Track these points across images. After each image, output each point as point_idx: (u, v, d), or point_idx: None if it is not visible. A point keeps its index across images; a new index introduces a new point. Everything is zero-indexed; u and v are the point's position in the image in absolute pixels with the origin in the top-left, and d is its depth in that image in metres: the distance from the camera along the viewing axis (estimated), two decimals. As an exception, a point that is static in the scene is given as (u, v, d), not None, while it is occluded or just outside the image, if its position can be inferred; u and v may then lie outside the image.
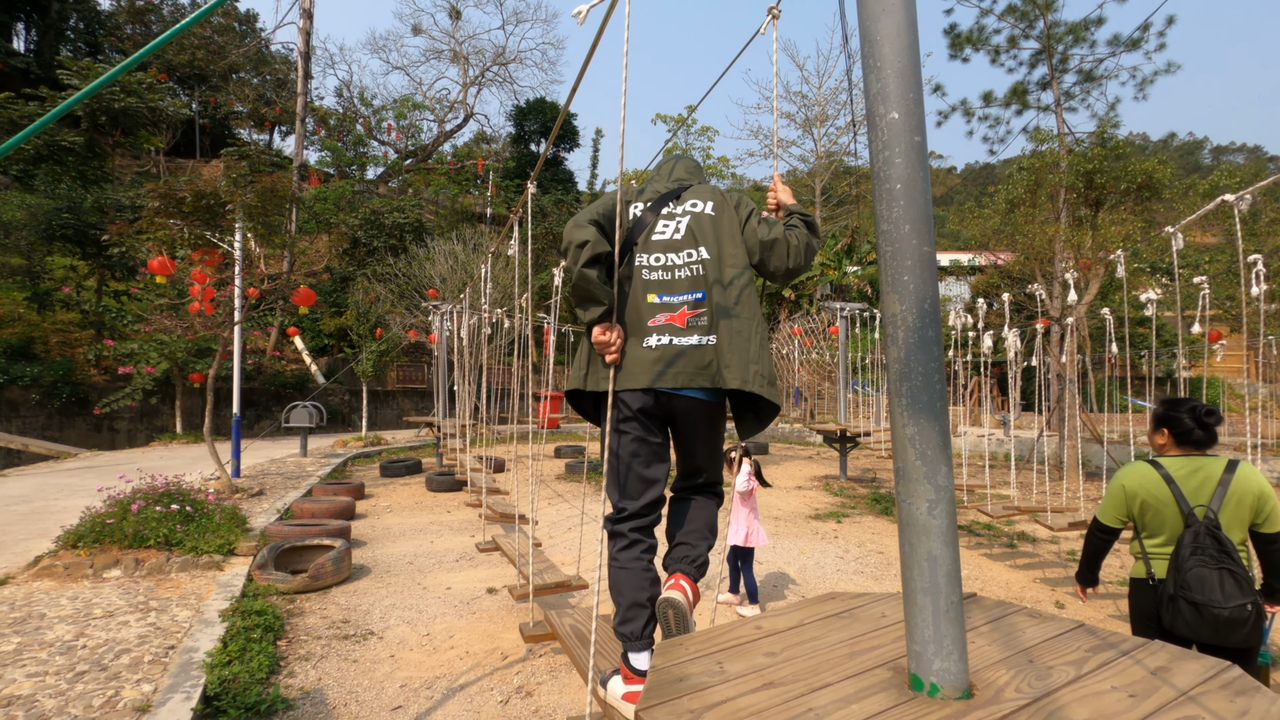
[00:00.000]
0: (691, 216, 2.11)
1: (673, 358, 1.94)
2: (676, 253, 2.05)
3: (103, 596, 3.88)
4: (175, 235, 7.36)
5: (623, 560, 2.01)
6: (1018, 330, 5.86)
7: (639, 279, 2.03)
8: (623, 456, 2.00)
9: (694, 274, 2.02)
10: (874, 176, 1.35)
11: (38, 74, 21.28)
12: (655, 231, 2.11)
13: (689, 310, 1.98)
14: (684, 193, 2.21)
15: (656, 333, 1.96)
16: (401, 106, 32.13)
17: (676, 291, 2.00)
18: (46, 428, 13.82)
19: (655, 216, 2.14)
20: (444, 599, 4.41)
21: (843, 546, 6.04)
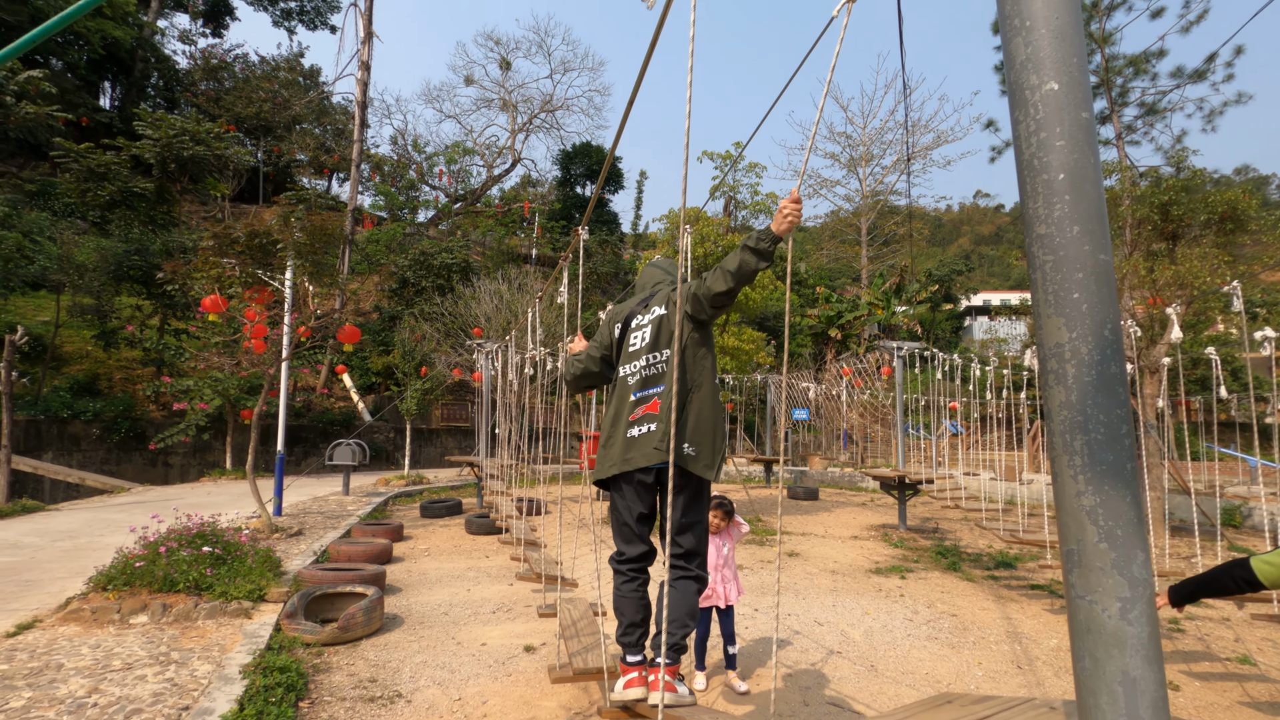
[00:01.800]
0: (652, 323, 2.67)
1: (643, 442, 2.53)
2: (644, 357, 2.64)
3: (125, 645, 3.70)
4: (228, 273, 7.47)
5: (625, 591, 2.71)
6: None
7: (623, 385, 2.67)
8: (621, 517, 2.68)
9: (659, 371, 2.60)
10: (1024, 167, 1.04)
11: (120, 128, 22.69)
12: (629, 344, 2.72)
13: (660, 399, 2.55)
14: (651, 300, 2.76)
15: (636, 424, 2.56)
16: (452, 152, 33.20)
17: (650, 386, 2.59)
18: (105, 462, 14.19)
19: (627, 331, 2.75)
20: (478, 657, 4.09)
21: (910, 607, 5.51)
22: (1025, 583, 6.60)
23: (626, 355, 2.71)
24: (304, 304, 8.27)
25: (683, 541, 2.66)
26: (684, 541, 2.67)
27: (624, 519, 2.68)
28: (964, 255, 62.35)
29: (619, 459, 2.58)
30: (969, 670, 4.13)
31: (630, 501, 2.63)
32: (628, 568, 2.72)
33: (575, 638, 3.22)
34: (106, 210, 17.52)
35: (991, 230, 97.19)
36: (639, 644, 2.70)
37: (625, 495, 2.64)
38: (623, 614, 2.70)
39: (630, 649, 2.69)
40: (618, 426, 2.63)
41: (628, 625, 2.69)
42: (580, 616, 3.72)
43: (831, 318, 27.31)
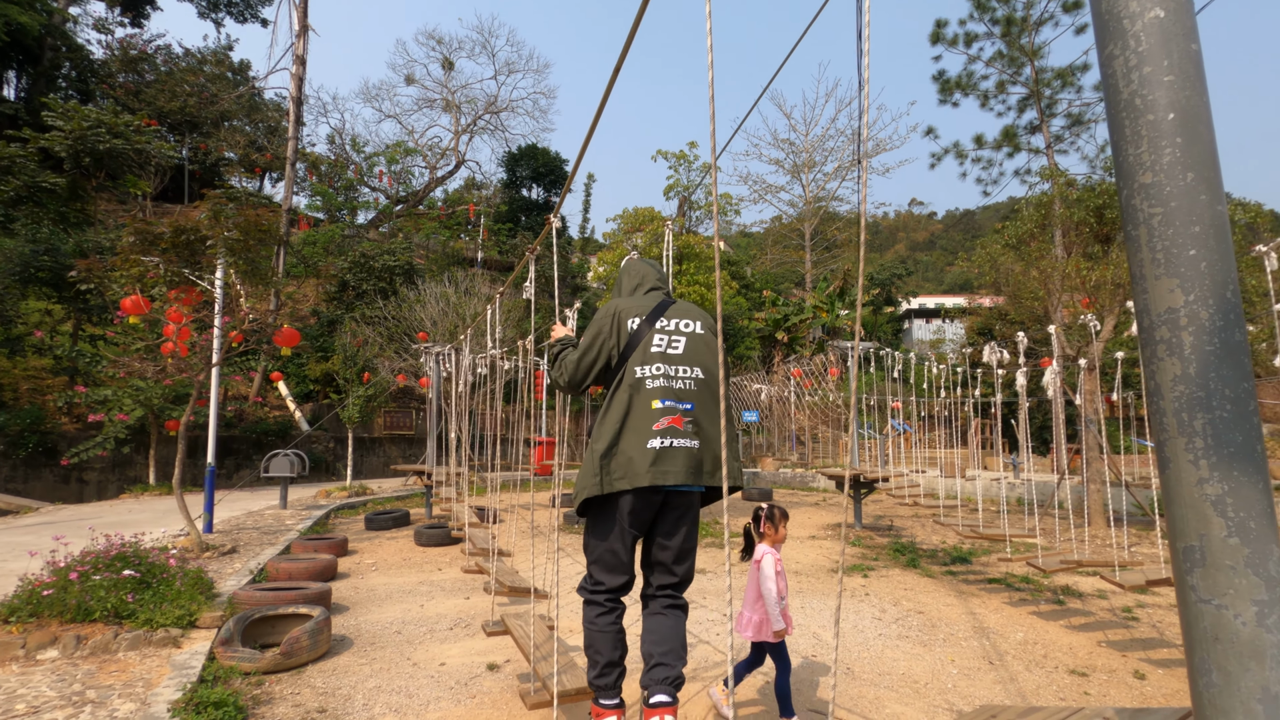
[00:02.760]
0: (688, 338, 2.48)
1: (673, 456, 2.29)
2: (673, 365, 2.41)
3: (30, 685, 3.27)
4: (151, 274, 6.90)
5: (601, 625, 2.44)
6: (1057, 370, 5.46)
7: (643, 388, 2.36)
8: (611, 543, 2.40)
9: (687, 387, 2.40)
10: (1121, 108, 0.90)
11: (25, 120, 21.05)
12: (653, 345, 2.44)
13: (684, 416, 2.34)
14: (670, 308, 2.56)
15: (660, 435, 2.30)
16: (394, 151, 32.24)
17: (679, 399, 2.36)
18: (10, 479, 13.03)
19: (650, 330, 2.47)
20: (438, 678, 3.81)
21: (877, 605, 5.48)
22: (982, 576, 6.69)
23: (648, 355, 2.40)
24: (236, 306, 7.74)
25: (679, 570, 2.53)
26: (680, 569, 2.53)
27: (613, 545, 2.39)
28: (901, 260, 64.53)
29: (644, 471, 2.24)
30: (943, 668, 4.10)
31: (626, 524, 2.37)
32: (605, 598, 2.46)
33: (546, 658, 3.00)
34: (10, 206, 16.17)
35: (925, 237, 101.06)
36: (616, 686, 2.45)
37: (623, 517, 2.35)
38: (598, 652, 2.43)
39: (606, 692, 2.43)
40: (634, 434, 2.29)
41: (605, 665, 2.42)
42: (538, 631, 3.50)
43: (778, 321, 27.72)
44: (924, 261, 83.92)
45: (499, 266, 29.31)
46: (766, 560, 3.21)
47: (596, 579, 2.46)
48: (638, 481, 2.25)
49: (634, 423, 2.31)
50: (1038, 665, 4.19)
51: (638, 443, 2.28)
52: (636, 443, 2.28)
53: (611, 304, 2.57)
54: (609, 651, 2.42)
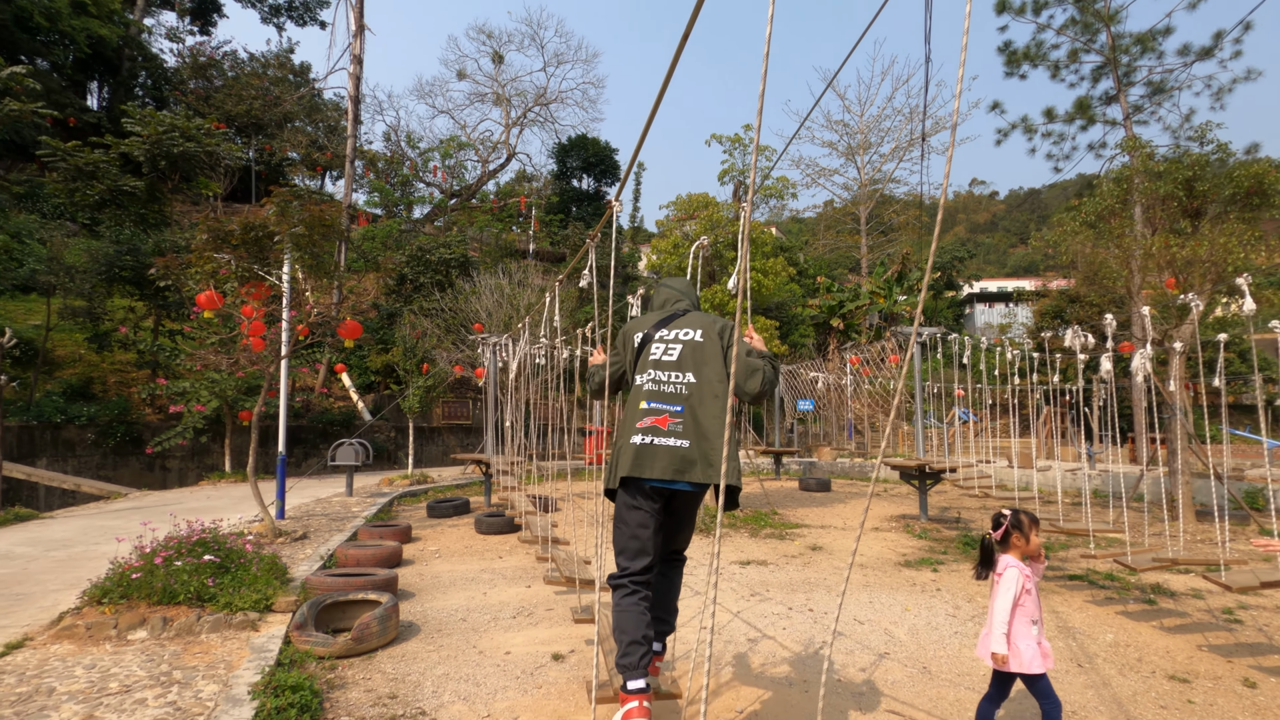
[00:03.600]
0: (685, 345, 2.66)
1: (653, 453, 2.50)
2: (665, 371, 2.63)
3: (123, 665, 3.42)
4: (224, 270, 7.15)
5: (625, 605, 2.55)
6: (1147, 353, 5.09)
7: (638, 392, 2.65)
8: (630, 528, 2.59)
9: (678, 391, 2.58)
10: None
11: (108, 128, 22.26)
12: (650, 354, 2.69)
13: (672, 417, 2.53)
14: (678, 319, 2.77)
15: (643, 433, 2.54)
16: (447, 146, 32.79)
17: (664, 401, 2.57)
18: (101, 467, 13.86)
19: (650, 341, 2.73)
20: (503, 667, 3.82)
21: (950, 602, 5.25)
22: (1061, 573, 6.35)
23: (645, 363, 2.69)
24: (302, 300, 7.96)
25: (680, 542, 2.94)
26: (681, 541, 2.94)
27: (634, 531, 2.60)
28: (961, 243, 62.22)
29: (628, 465, 2.53)
30: (1027, 670, 3.87)
31: (644, 511, 2.59)
32: (629, 579, 2.60)
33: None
34: (96, 210, 17.14)
35: (987, 218, 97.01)
36: (641, 665, 2.50)
37: (639, 504, 2.58)
38: (624, 631, 2.53)
39: (632, 673, 2.47)
40: (625, 434, 2.61)
41: (629, 644, 2.51)
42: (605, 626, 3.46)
43: (833, 307, 27.08)
44: (985, 244, 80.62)
45: (551, 257, 29.54)
46: (1009, 574, 2.70)
47: (620, 564, 2.63)
48: (622, 473, 2.53)
49: (627, 423, 2.62)
50: (1132, 669, 3.92)
51: (625, 440, 2.57)
52: (625, 441, 2.58)
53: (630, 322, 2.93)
54: (634, 630, 2.52)
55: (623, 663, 2.49)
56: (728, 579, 5.96)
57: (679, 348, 2.67)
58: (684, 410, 2.54)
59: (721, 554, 7.02)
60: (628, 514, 2.60)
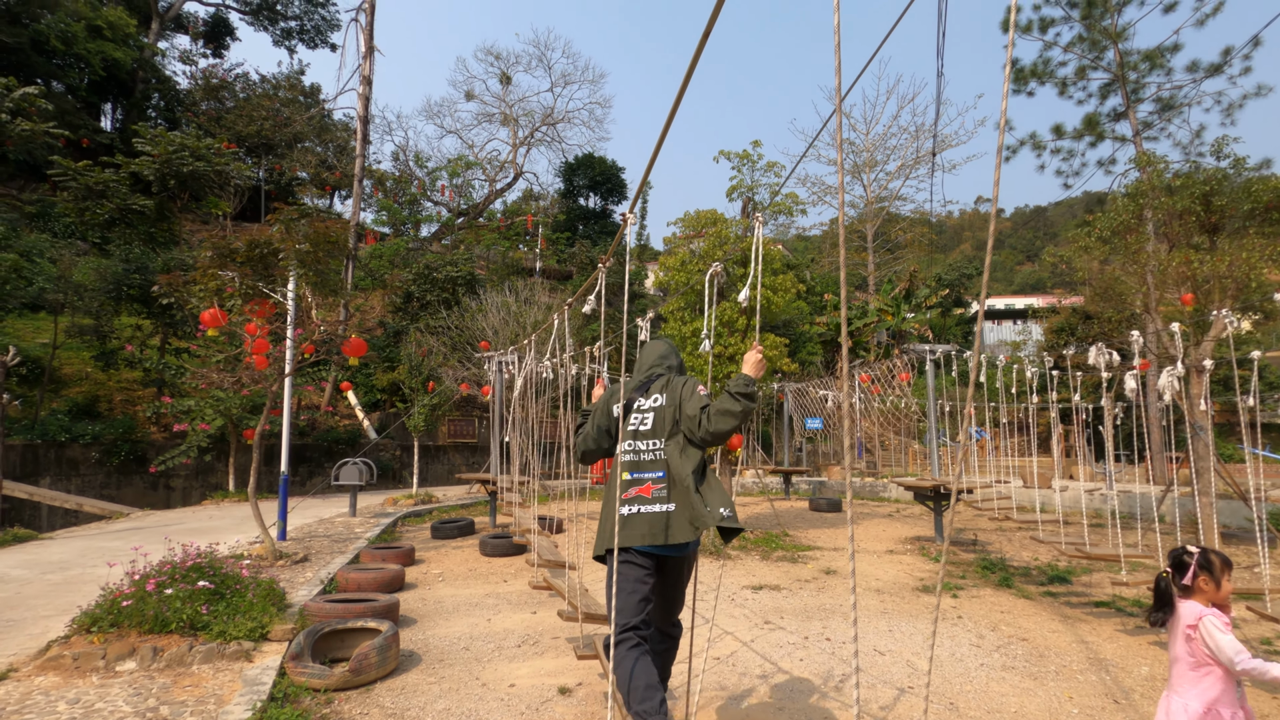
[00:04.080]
0: (654, 413, 2.78)
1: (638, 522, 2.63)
2: (644, 441, 2.76)
3: (108, 699, 3.26)
4: (229, 288, 7.08)
5: (631, 657, 2.53)
6: (1176, 370, 4.92)
7: (619, 462, 2.76)
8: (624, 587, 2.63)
9: (656, 458, 2.72)
10: None
11: (121, 149, 22.51)
12: (629, 424, 2.82)
13: (655, 484, 2.67)
14: (652, 385, 2.87)
15: (628, 504, 2.66)
16: (455, 166, 33.02)
17: (645, 470, 2.71)
18: (105, 486, 13.76)
19: (629, 413, 2.85)
20: (508, 702, 3.64)
21: (973, 631, 5.04)
22: (1086, 599, 6.12)
23: (625, 434, 2.81)
24: (308, 318, 7.88)
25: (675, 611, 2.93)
26: (675, 610, 2.93)
27: (632, 586, 2.64)
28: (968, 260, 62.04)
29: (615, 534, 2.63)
30: (1061, 707, 3.66)
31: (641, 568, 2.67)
32: (636, 634, 2.61)
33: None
34: (106, 229, 17.23)
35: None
36: (662, 712, 2.46)
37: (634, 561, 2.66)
38: (635, 677, 2.51)
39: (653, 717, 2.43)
40: (610, 504, 2.71)
41: (645, 688, 2.47)
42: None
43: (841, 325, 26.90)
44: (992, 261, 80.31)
45: (557, 275, 29.55)
46: (1208, 622, 2.23)
47: (619, 624, 2.61)
48: (609, 543, 2.64)
49: (610, 494, 2.73)
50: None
51: (611, 511, 2.68)
52: (610, 511, 2.69)
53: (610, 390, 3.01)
54: (647, 675, 2.50)
55: (642, 709, 2.41)
56: (739, 605, 5.75)
57: (651, 415, 2.80)
58: (664, 475, 2.68)
59: (732, 578, 6.82)
60: (625, 570, 2.65)
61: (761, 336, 9.22)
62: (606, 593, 2.75)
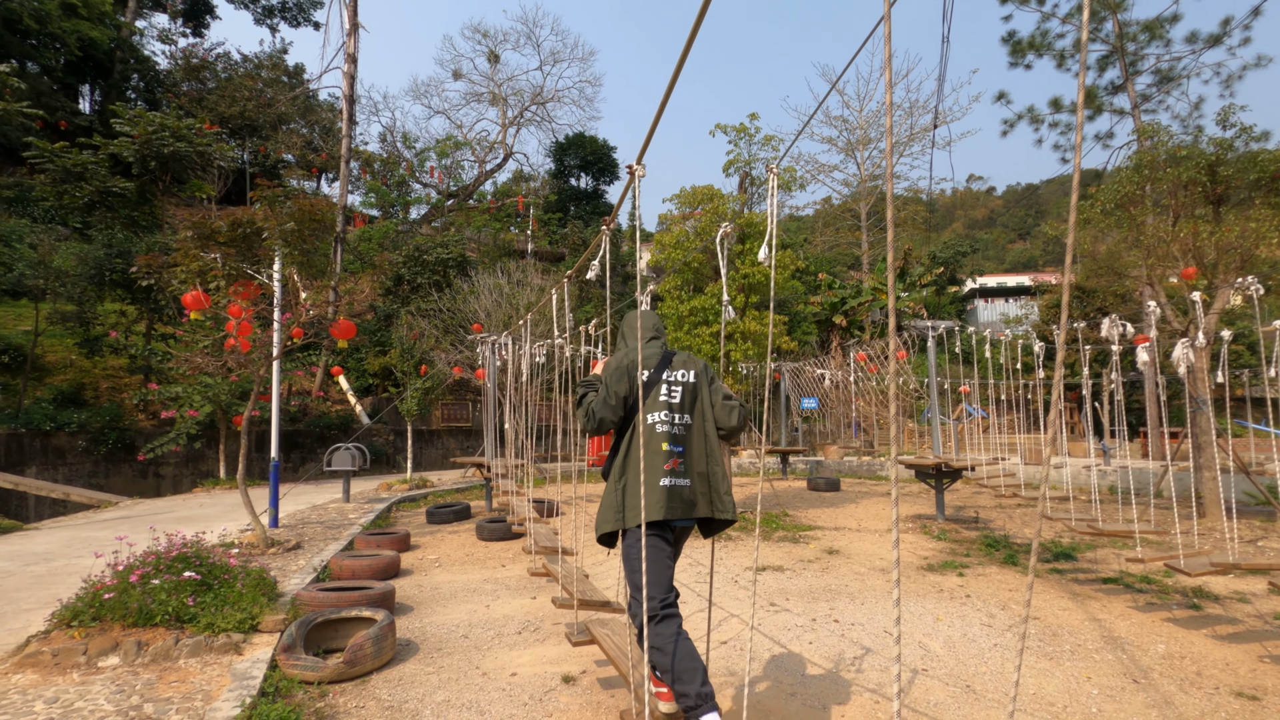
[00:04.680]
0: (684, 386, 2.75)
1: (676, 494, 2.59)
2: (674, 413, 2.71)
3: (89, 698, 3.09)
4: (211, 268, 6.83)
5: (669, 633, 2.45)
6: (1194, 342, 4.78)
7: (654, 433, 2.66)
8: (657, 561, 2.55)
9: (683, 433, 2.70)
10: None
11: (99, 130, 21.95)
12: (660, 395, 2.72)
13: (679, 459, 2.65)
14: (674, 360, 2.84)
15: (667, 475, 2.60)
16: (444, 146, 32.46)
17: (676, 443, 2.66)
18: (93, 475, 13.53)
19: (659, 381, 2.75)
20: (510, 691, 3.50)
21: (983, 610, 4.94)
22: (1094, 576, 6.04)
23: (655, 403, 2.71)
24: (295, 301, 7.65)
25: None
26: None
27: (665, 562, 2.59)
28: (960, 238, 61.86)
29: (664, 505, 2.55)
30: (1080, 687, 3.56)
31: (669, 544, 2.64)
32: (667, 610, 2.52)
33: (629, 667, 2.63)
34: (86, 213, 16.80)
35: (984, 214, 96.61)
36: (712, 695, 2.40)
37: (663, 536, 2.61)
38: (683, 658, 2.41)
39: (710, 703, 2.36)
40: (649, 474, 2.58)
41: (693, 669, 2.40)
42: (620, 638, 3.14)
43: (835, 304, 26.76)
44: (984, 240, 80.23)
45: (550, 257, 29.22)
46: None
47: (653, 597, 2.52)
48: (652, 515, 2.52)
49: (648, 464, 2.59)
50: (1193, 685, 3.61)
51: (652, 481, 2.57)
52: (651, 481, 2.57)
53: (622, 354, 2.82)
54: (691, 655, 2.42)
55: (704, 690, 2.36)
56: (743, 587, 5.64)
57: (680, 389, 2.75)
58: (684, 451, 2.67)
59: (734, 559, 6.71)
60: (653, 548, 2.57)
61: (760, 315, 9.05)
62: (627, 570, 2.64)
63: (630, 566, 2.62)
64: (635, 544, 2.61)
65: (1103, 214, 9.08)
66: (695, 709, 2.33)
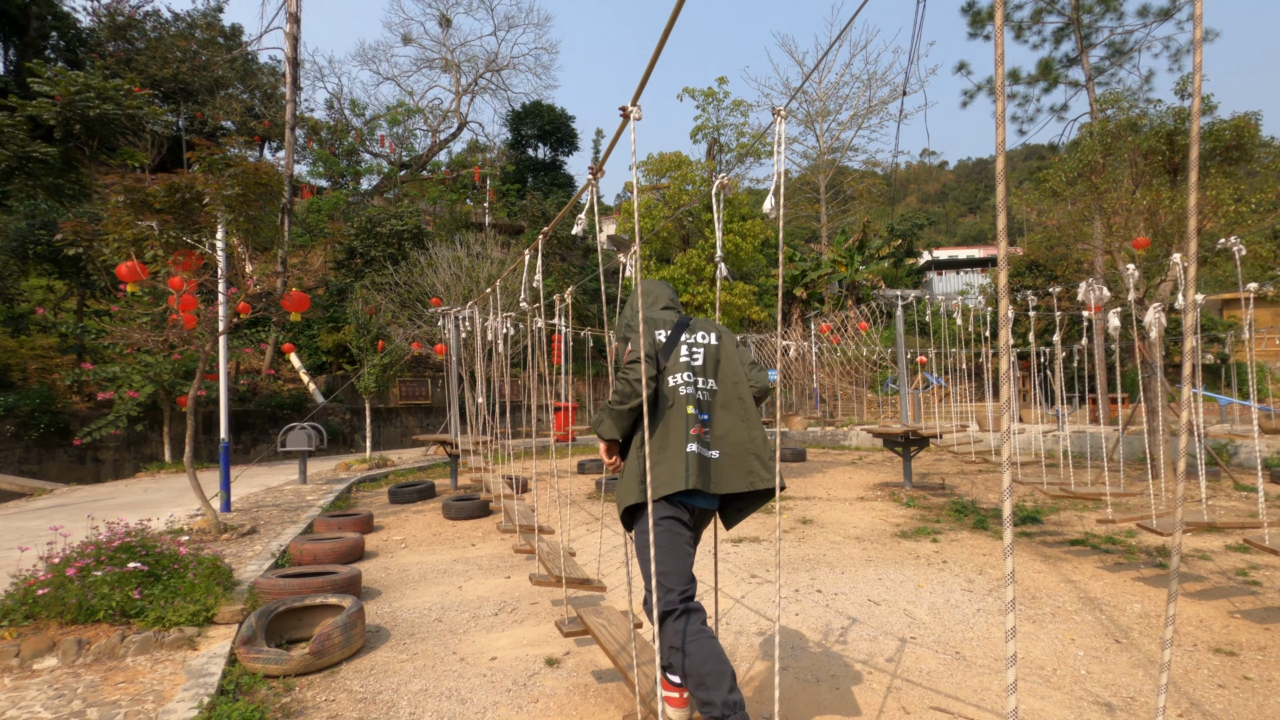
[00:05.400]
0: (705, 349, 2.49)
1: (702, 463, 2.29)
2: (700, 377, 2.44)
3: (23, 704, 2.80)
4: (146, 237, 6.31)
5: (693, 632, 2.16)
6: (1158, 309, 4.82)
7: (677, 396, 2.38)
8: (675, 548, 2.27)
9: (706, 398, 2.42)
10: None
11: (16, 92, 20.31)
12: (681, 356, 2.46)
13: (704, 427, 2.36)
14: (692, 323, 2.59)
15: (693, 441, 2.30)
16: (395, 114, 31.22)
17: (701, 409, 2.38)
18: (24, 461, 12.71)
19: (677, 343, 2.50)
20: (490, 677, 3.33)
21: (962, 575, 4.96)
22: (1061, 538, 6.16)
23: (677, 364, 2.44)
24: (240, 274, 7.16)
25: None
26: None
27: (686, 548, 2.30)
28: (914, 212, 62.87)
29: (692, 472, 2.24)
30: (1065, 649, 3.57)
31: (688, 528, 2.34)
32: (687, 603, 2.23)
33: (632, 666, 2.48)
34: (4, 180, 15.57)
35: (937, 189, 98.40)
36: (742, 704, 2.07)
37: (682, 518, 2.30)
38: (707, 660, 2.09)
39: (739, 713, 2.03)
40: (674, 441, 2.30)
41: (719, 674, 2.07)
42: (619, 630, 2.99)
43: (796, 277, 26.93)
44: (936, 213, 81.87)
45: (509, 229, 28.50)
46: None
47: (667, 587, 2.23)
48: (677, 485, 2.22)
49: (673, 430, 2.32)
50: (1174, 643, 3.65)
51: (678, 449, 2.28)
52: (676, 449, 2.28)
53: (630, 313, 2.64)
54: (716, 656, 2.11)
55: (731, 698, 2.02)
56: (723, 559, 5.56)
57: (701, 351, 2.48)
58: (709, 419, 2.40)
59: (709, 531, 6.65)
60: (671, 531, 2.27)
61: (730, 285, 8.92)
62: (641, 558, 2.36)
63: (644, 555, 2.32)
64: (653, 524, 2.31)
65: (1066, 183, 9.17)
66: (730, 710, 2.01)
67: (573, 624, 3.16)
